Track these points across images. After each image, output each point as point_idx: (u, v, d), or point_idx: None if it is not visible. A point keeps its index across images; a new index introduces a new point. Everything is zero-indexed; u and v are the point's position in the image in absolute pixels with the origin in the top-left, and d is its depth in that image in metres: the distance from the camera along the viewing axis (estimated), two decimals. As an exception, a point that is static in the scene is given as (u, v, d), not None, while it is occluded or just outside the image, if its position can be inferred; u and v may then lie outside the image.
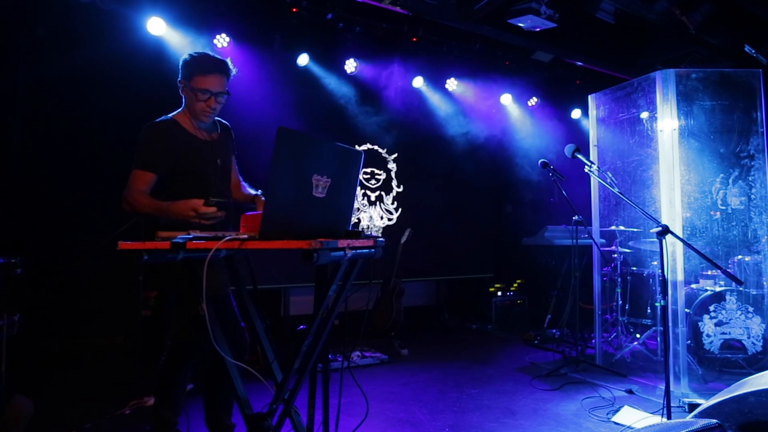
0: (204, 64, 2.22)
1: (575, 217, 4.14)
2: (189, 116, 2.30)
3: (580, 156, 3.38)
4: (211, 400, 2.46)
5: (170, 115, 2.30)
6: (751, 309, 3.74)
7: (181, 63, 2.27)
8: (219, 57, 2.27)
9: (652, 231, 2.70)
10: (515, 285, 6.35)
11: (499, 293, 6.10)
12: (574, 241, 4.51)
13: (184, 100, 2.31)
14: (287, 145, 1.57)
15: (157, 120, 2.26)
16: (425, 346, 4.98)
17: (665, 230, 2.60)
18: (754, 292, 3.81)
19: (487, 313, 5.99)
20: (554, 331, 5.20)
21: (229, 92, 2.29)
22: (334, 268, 1.85)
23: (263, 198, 2.32)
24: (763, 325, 3.70)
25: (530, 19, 4.35)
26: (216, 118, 2.41)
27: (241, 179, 2.58)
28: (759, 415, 1.38)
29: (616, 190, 3.06)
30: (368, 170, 5.76)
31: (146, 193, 2.16)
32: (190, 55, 2.26)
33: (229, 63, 2.28)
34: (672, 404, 2.75)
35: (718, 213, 3.88)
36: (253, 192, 2.49)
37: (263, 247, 1.55)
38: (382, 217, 5.80)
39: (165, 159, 2.20)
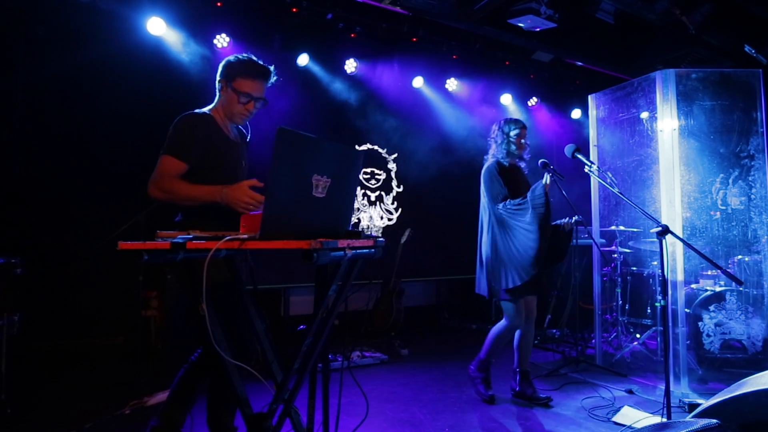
0: (250, 69, 2.23)
1: (575, 217, 4.14)
2: (222, 115, 2.29)
3: (580, 156, 3.37)
4: (214, 402, 2.46)
5: (205, 109, 2.28)
6: (751, 309, 3.74)
7: (224, 63, 2.27)
8: (264, 64, 2.27)
9: (652, 231, 2.70)
10: (515, 285, 6.34)
11: (499, 293, 6.09)
12: (574, 241, 4.50)
13: (218, 98, 2.30)
14: (287, 145, 1.57)
15: (196, 111, 2.24)
16: (425, 346, 4.98)
17: (665, 230, 2.60)
18: (754, 292, 3.80)
19: (487, 313, 5.98)
20: (554, 331, 5.20)
21: (266, 99, 2.29)
22: (334, 268, 1.85)
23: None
24: (763, 325, 3.70)
25: (530, 19, 4.35)
26: None
27: None
28: (759, 415, 1.38)
29: (616, 190, 3.06)
30: (368, 170, 5.76)
31: (180, 180, 2.10)
32: (237, 57, 2.25)
33: (272, 70, 2.29)
34: (672, 404, 2.75)
35: (718, 213, 3.87)
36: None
37: (263, 247, 1.55)
38: (382, 217, 5.80)
39: (199, 151, 2.16)
